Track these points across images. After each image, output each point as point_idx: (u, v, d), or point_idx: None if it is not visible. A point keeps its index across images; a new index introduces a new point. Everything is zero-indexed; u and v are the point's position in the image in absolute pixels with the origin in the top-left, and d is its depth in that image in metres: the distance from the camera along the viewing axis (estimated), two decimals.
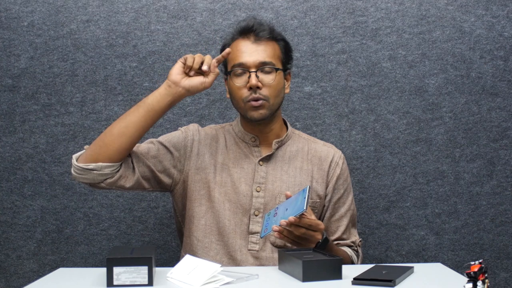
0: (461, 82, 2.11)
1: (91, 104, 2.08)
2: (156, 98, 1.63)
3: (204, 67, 1.61)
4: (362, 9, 2.10)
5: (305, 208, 1.43)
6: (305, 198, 1.45)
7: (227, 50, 1.63)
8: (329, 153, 1.81)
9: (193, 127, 1.80)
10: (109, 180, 1.63)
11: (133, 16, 2.09)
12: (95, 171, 1.61)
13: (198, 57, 1.63)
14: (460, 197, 2.10)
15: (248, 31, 1.71)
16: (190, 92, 1.64)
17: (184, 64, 1.63)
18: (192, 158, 1.75)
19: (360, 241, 1.82)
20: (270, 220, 1.56)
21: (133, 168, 1.68)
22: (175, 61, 2.07)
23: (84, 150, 1.66)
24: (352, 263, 1.75)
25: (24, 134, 2.08)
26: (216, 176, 1.73)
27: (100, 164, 1.60)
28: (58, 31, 2.08)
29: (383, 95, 2.10)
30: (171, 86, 1.63)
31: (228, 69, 1.73)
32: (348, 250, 1.76)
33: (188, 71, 1.63)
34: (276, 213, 1.56)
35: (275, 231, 1.48)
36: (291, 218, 1.45)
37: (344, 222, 1.79)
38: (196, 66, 1.62)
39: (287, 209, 1.51)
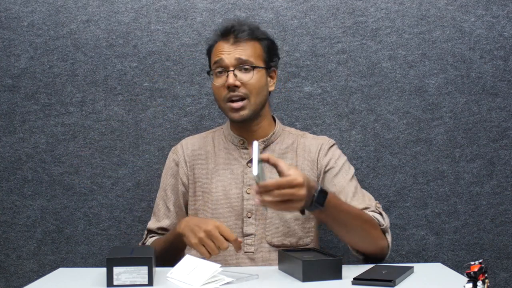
0: (461, 82, 2.11)
1: (91, 104, 2.08)
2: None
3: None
4: (362, 9, 2.10)
5: (253, 172, 1.30)
6: (253, 160, 1.32)
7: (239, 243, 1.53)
8: (317, 144, 1.78)
9: (180, 147, 1.84)
10: None
11: (133, 16, 2.09)
12: None
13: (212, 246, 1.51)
14: (460, 197, 2.10)
15: (227, 32, 1.72)
16: None
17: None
18: (189, 177, 1.79)
19: (377, 203, 1.70)
20: None
21: None
22: (175, 62, 2.08)
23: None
24: (379, 225, 1.61)
25: (24, 134, 2.08)
26: (208, 185, 1.75)
27: None
28: (58, 31, 2.08)
29: (383, 95, 2.10)
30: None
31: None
32: (364, 211, 1.64)
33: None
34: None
35: (257, 204, 1.39)
36: (254, 187, 1.35)
37: (350, 190, 1.70)
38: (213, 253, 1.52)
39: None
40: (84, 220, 2.08)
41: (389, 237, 1.65)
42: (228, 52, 1.69)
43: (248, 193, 1.71)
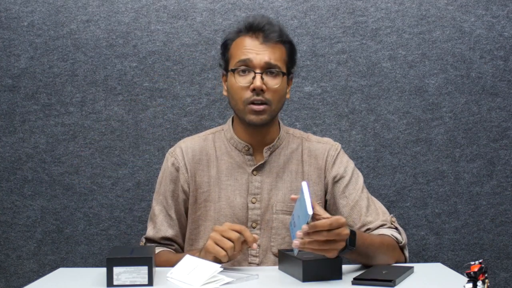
0: (461, 82, 2.11)
1: (91, 104, 2.08)
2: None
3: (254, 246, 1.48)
4: (362, 9, 2.10)
5: (308, 212, 1.25)
6: (306, 199, 1.27)
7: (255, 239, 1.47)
8: (324, 149, 1.71)
9: (179, 151, 1.71)
10: None
11: (133, 16, 2.09)
12: None
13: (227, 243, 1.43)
14: (460, 197, 2.10)
15: (257, 29, 1.61)
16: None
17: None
18: (190, 184, 1.69)
19: (392, 216, 1.65)
20: (292, 232, 1.39)
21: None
22: (175, 62, 2.08)
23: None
24: (398, 243, 1.57)
25: (24, 134, 2.08)
26: (211, 193, 1.67)
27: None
28: (58, 31, 2.08)
29: (383, 95, 2.10)
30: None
31: (230, 65, 1.63)
32: (383, 232, 1.58)
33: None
34: (294, 222, 1.41)
35: (297, 247, 1.32)
36: (304, 227, 1.28)
37: (363, 203, 1.64)
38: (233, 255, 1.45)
39: (299, 216, 1.34)
40: (84, 220, 2.08)
41: (406, 252, 1.62)
42: (257, 52, 1.59)
43: (253, 203, 1.65)
